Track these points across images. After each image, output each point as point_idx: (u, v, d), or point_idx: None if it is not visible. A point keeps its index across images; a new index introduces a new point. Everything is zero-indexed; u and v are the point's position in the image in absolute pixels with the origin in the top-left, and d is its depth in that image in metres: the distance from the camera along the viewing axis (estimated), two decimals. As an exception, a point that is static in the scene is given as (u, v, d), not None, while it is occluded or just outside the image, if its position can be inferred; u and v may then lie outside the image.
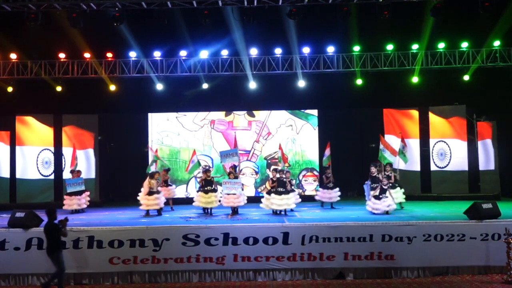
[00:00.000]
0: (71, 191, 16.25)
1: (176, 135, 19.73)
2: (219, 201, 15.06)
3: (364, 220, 13.15)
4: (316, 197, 17.07)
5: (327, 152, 16.72)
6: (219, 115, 19.70)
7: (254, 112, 19.90)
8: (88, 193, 16.98)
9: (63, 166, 19.87)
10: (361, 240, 12.23)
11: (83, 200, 16.64)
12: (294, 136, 19.62)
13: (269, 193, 14.94)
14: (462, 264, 12.30)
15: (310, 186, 19.33)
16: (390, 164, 15.89)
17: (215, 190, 14.89)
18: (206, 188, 14.81)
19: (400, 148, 16.24)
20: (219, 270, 12.31)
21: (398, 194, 15.63)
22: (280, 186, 14.82)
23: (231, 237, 12.27)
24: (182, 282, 12.26)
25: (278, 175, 14.94)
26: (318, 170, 19.84)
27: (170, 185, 17.30)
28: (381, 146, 15.61)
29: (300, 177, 19.73)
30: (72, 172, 16.94)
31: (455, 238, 12.21)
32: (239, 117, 19.64)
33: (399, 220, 13.07)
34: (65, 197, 16.48)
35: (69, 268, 12.05)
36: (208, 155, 19.62)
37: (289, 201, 14.87)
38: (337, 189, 16.73)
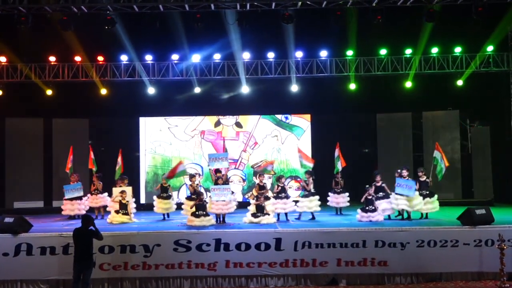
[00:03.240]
0: (69, 197, 15.97)
1: (168, 145, 20.18)
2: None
3: (357, 226, 13.09)
4: (328, 203, 16.68)
5: (336, 153, 16.52)
6: (208, 126, 20.20)
7: (242, 123, 20.32)
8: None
9: (53, 172, 19.67)
10: (354, 246, 12.18)
11: (83, 206, 16.37)
12: (279, 146, 20.13)
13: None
14: (455, 270, 12.28)
15: (295, 193, 19.45)
16: (422, 170, 15.31)
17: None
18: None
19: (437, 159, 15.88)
20: (210, 276, 12.21)
21: (429, 205, 14.64)
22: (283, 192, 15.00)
23: (223, 243, 12.18)
24: (173, 288, 12.15)
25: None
26: (300, 177, 19.95)
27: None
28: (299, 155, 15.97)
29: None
30: (71, 175, 16.65)
31: (449, 244, 12.19)
32: (228, 127, 20.20)
33: (392, 226, 12.99)
34: (64, 202, 16.15)
35: (58, 274, 11.99)
36: (198, 163, 19.91)
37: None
38: (346, 194, 16.25)
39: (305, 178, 15.61)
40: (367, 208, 14.21)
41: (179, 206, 16.32)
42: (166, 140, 20.15)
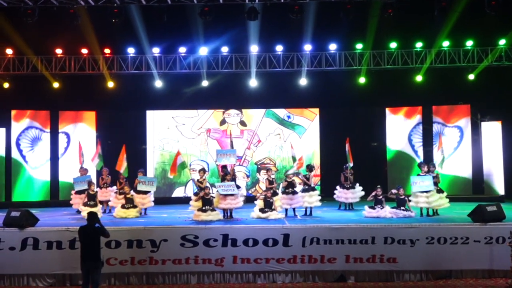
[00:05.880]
0: (78, 189, 15.90)
1: (175, 142, 20.46)
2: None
3: (366, 222, 12.94)
4: (334, 197, 16.63)
5: (346, 148, 16.33)
6: (214, 124, 20.59)
7: (246, 121, 20.63)
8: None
9: (58, 166, 19.72)
10: (363, 243, 12.04)
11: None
12: (282, 144, 20.47)
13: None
14: (465, 268, 12.13)
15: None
16: (434, 165, 15.13)
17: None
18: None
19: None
20: (218, 272, 12.12)
21: (440, 201, 14.43)
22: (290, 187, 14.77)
23: (230, 238, 12.07)
24: (180, 284, 12.06)
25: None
26: (303, 174, 19.98)
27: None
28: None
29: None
30: (80, 169, 16.59)
31: (459, 241, 12.03)
32: (233, 126, 20.59)
33: (401, 222, 12.84)
34: (74, 195, 16.10)
35: (65, 268, 11.95)
36: (204, 160, 20.18)
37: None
38: (357, 189, 16.10)
39: (306, 172, 15.45)
40: (375, 206, 14.09)
41: (185, 201, 16.22)
42: (173, 138, 20.49)
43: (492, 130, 19.25)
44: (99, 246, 9.94)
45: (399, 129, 20.00)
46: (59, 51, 18.88)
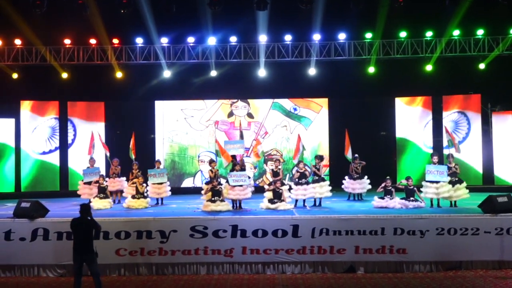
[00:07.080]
0: (87, 180, 15.93)
1: (184, 134, 20.73)
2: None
3: (376, 212, 12.89)
4: (343, 187, 16.59)
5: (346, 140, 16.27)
6: (222, 116, 20.82)
7: (253, 113, 20.81)
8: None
9: (67, 156, 19.81)
10: (373, 233, 11.99)
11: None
12: (288, 135, 20.67)
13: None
14: (475, 259, 12.05)
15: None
16: (453, 156, 14.91)
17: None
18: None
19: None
20: (227, 263, 12.12)
21: (459, 192, 14.27)
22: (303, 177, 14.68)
23: (239, 229, 12.06)
24: (189, 274, 12.06)
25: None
26: (309, 165, 19.96)
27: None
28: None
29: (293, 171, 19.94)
30: (90, 160, 16.63)
31: (469, 232, 11.94)
32: (240, 118, 20.76)
33: (411, 213, 12.79)
34: (83, 186, 16.06)
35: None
36: (212, 151, 20.31)
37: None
38: (365, 181, 16.07)
39: (315, 163, 15.37)
40: (384, 197, 14.07)
41: (194, 191, 16.24)
42: (182, 130, 20.71)
43: (502, 120, 19.10)
44: (92, 238, 9.72)
45: (409, 120, 19.90)
46: (67, 41, 18.85)
